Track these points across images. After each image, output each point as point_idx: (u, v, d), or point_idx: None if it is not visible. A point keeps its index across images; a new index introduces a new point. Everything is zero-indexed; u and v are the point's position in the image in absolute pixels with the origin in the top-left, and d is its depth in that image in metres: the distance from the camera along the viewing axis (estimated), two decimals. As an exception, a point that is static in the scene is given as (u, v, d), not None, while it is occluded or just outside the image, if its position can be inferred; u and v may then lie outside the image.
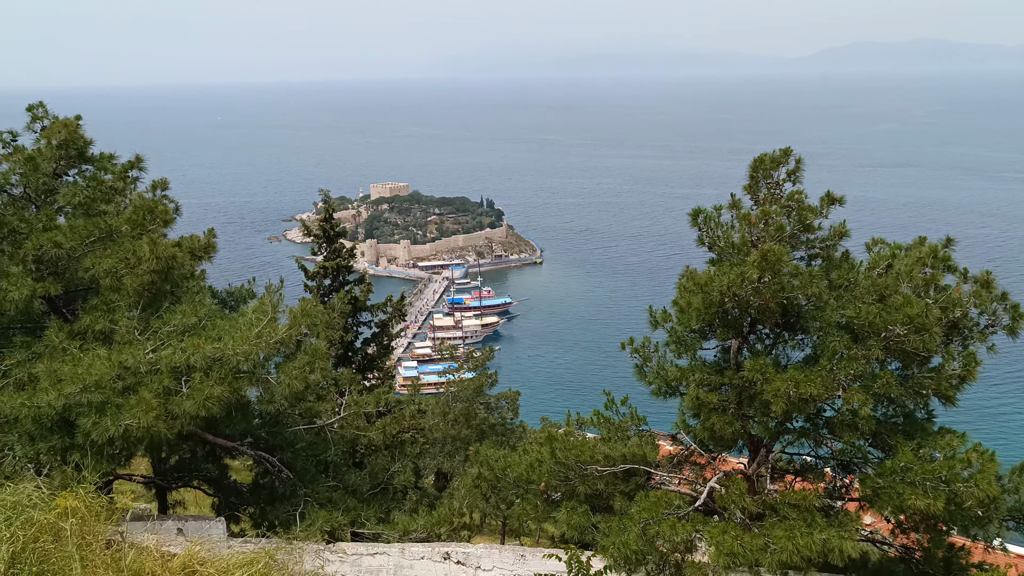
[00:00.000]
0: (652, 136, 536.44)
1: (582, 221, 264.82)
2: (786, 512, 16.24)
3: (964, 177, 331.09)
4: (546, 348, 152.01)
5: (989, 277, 17.26)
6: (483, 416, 40.09)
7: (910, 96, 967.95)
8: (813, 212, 17.77)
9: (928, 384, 16.46)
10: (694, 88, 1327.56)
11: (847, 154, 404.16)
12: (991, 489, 15.17)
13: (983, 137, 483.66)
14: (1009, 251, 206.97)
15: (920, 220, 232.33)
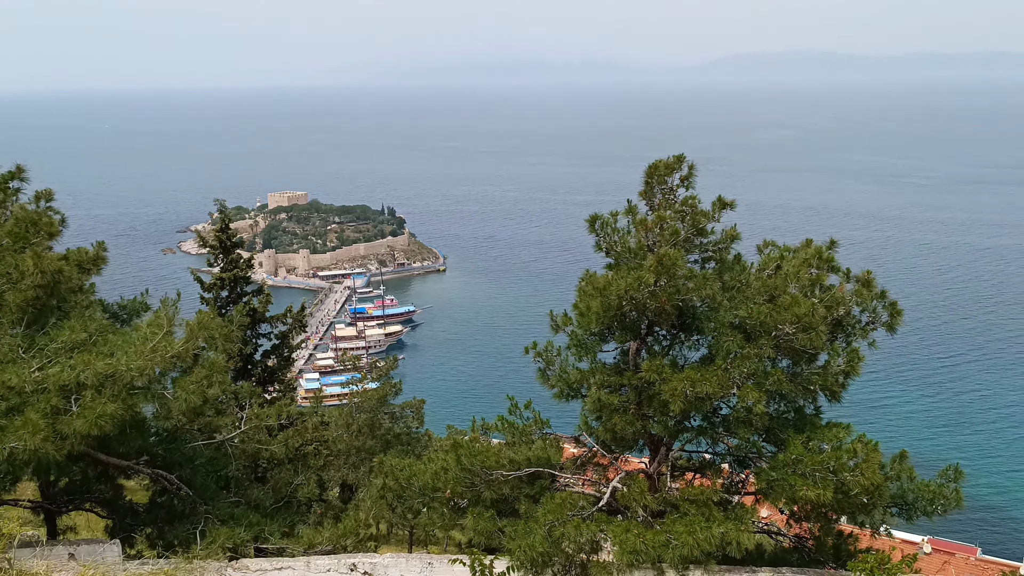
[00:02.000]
0: (553, 143, 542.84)
1: (485, 228, 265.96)
2: (686, 508, 16.72)
3: (847, 181, 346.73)
4: (451, 356, 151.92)
5: (869, 276, 18.20)
6: (388, 426, 39.78)
7: (798, 104, 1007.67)
8: (706, 216, 18.39)
9: (816, 380, 17.22)
10: (593, 95, 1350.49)
11: (739, 160, 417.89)
12: (875, 477, 15.97)
13: (865, 143, 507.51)
14: (888, 251, 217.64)
15: (807, 223, 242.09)
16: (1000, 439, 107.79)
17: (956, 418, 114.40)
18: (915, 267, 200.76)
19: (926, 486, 18.81)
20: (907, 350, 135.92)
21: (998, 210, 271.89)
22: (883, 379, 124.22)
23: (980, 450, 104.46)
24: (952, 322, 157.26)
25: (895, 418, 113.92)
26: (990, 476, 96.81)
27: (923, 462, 21.53)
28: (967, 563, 67.24)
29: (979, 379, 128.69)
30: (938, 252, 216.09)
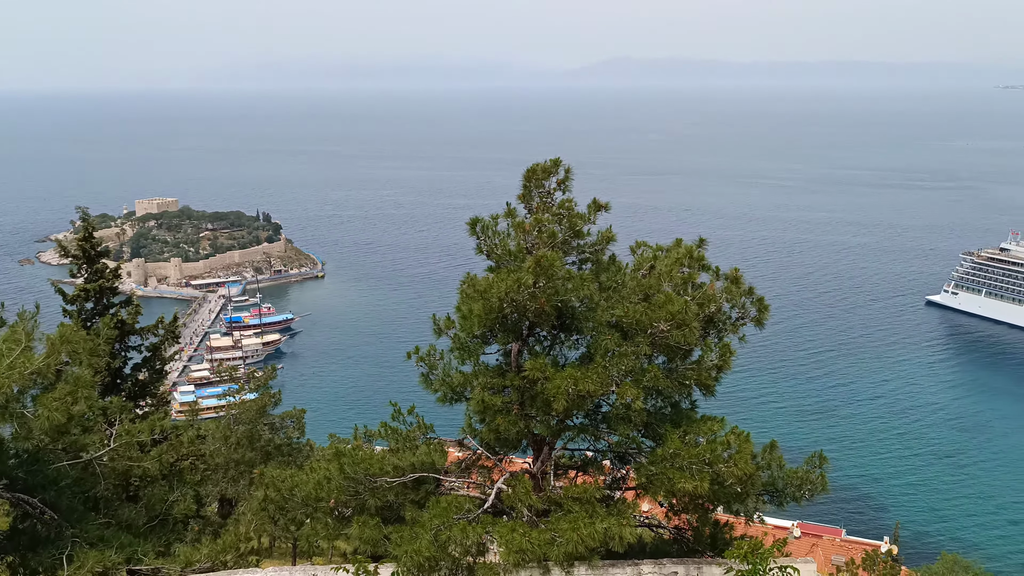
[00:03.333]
0: (434, 147, 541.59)
1: (365, 233, 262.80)
2: (570, 506, 17.00)
3: (715, 183, 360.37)
4: (332, 363, 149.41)
5: (738, 274, 18.97)
6: (268, 437, 38.72)
7: (670, 109, 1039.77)
8: (582, 219, 18.76)
9: (690, 375, 17.83)
10: (472, 100, 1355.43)
11: (614, 163, 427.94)
12: (748, 467, 16.67)
13: (731, 148, 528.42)
14: (755, 249, 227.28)
15: (678, 223, 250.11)
16: (861, 426, 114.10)
17: (822, 407, 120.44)
18: (781, 264, 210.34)
19: (794, 473, 19.75)
20: (775, 344, 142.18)
21: (855, 210, 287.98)
22: (754, 372, 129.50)
23: (843, 437, 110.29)
24: (816, 316, 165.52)
25: (766, 409, 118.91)
26: (852, 461, 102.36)
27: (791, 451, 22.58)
28: (833, 544, 70.87)
29: (842, 370, 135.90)
30: (802, 250, 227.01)
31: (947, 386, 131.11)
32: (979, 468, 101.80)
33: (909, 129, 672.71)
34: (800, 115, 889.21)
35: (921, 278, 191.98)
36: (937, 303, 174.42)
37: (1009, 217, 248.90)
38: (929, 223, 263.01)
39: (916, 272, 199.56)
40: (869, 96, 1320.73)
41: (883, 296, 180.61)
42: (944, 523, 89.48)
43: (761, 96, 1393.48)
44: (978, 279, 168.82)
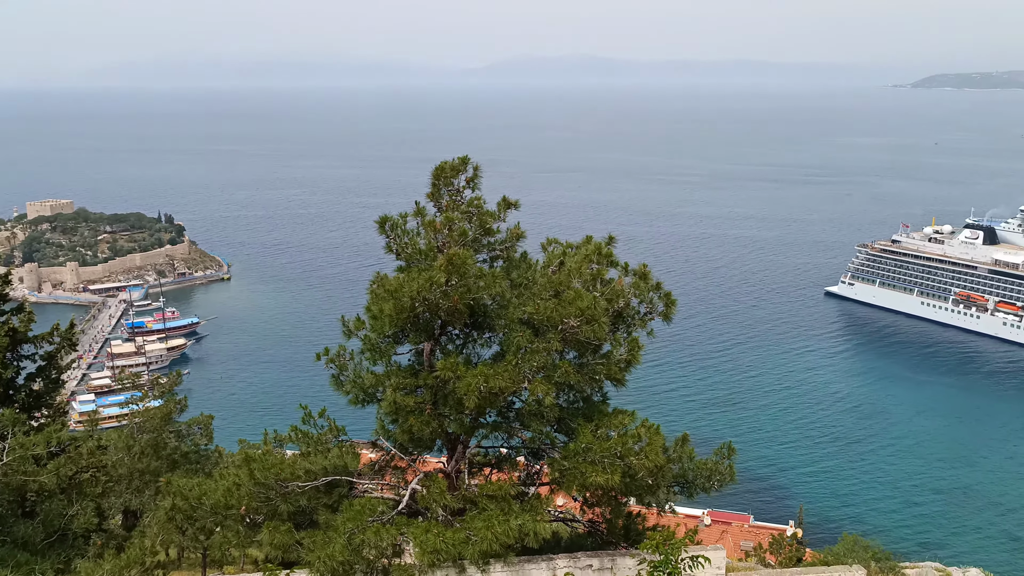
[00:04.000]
0: (340, 146, 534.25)
1: (273, 234, 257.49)
2: (485, 504, 17.02)
3: (621, 180, 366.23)
4: (240, 367, 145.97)
5: (646, 270, 19.32)
6: (174, 445, 37.55)
7: (575, 106, 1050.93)
8: (492, 216, 18.80)
9: (601, 370, 18.07)
10: (374, 98, 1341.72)
11: (523, 161, 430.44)
12: (658, 459, 17.00)
13: (635, 145, 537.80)
14: (661, 244, 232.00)
15: (587, 220, 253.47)
16: (767, 415, 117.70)
17: (730, 398, 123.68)
18: (687, 259, 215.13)
19: (704, 464, 20.22)
20: (684, 337, 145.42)
21: (756, 205, 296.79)
22: (664, 365, 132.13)
23: (751, 426, 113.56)
24: (722, 309, 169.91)
25: (677, 402, 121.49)
26: (759, 449, 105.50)
27: (701, 442, 23.14)
28: (742, 530, 73.01)
29: (748, 361, 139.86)
30: (707, 245, 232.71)
31: (846, 374, 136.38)
32: (877, 452, 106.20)
33: (805, 127, 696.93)
34: (701, 113, 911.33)
35: (820, 270, 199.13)
36: (835, 294, 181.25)
37: (899, 210, 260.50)
38: (826, 217, 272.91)
39: (815, 264, 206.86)
40: (768, 95, 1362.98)
41: (785, 288, 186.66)
42: (845, 506, 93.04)
43: (663, 94, 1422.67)
44: (872, 270, 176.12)
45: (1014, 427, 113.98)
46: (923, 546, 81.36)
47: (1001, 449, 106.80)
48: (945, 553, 76.90)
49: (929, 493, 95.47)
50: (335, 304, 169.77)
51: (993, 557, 78.59)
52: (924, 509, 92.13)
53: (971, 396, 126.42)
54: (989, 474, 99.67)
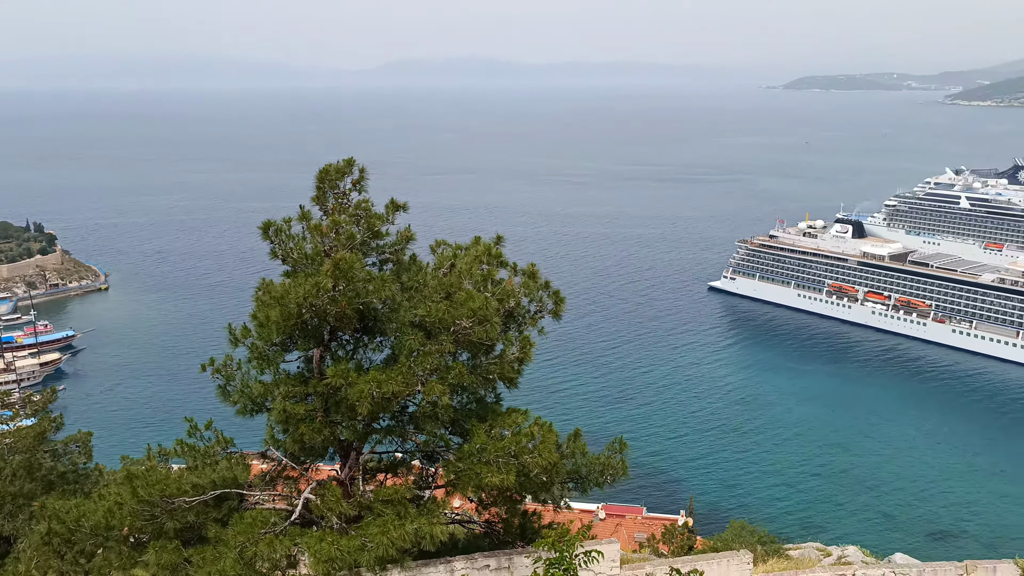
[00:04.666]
0: (225, 149, 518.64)
1: (154, 241, 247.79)
2: (380, 509, 16.85)
3: (511, 181, 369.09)
4: (120, 381, 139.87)
5: (535, 269, 19.53)
6: (49, 465, 35.72)
7: (463, 107, 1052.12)
8: (381, 219, 18.63)
9: (494, 369, 18.16)
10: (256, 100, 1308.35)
11: (413, 162, 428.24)
12: (552, 456, 17.19)
13: (523, 146, 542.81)
14: (550, 244, 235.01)
15: (477, 221, 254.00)
16: (657, 409, 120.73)
17: (621, 393, 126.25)
18: (576, 258, 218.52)
19: (597, 459, 20.58)
20: (576, 334, 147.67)
21: (642, 203, 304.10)
22: (557, 363, 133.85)
23: (642, 420, 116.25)
24: (612, 306, 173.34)
25: (570, 399, 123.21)
26: (650, 442, 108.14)
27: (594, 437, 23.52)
28: (636, 522, 74.70)
29: (638, 356, 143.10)
30: (595, 243, 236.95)
31: (731, 365, 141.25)
32: (762, 440, 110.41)
33: (687, 126, 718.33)
34: (589, 114, 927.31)
35: (703, 266, 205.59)
36: (718, 288, 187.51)
37: (776, 206, 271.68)
38: (708, 214, 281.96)
39: (699, 260, 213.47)
40: (651, 95, 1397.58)
41: (671, 284, 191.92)
42: (733, 494, 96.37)
43: (552, 96, 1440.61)
44: (752, 264, 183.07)
45: (884, 411, 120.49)
46: (806, 528, 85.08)
47: (874, 432, 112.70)
48: (826, 534, 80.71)
49: (810, 478, 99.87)
50: (221, 313, 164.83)
51: (870, 535, 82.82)
52: (806, 493, 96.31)
53: (845, 383, 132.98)
54: (864, 457, 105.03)
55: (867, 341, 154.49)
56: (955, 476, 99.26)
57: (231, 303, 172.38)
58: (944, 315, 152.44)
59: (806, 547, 36.92)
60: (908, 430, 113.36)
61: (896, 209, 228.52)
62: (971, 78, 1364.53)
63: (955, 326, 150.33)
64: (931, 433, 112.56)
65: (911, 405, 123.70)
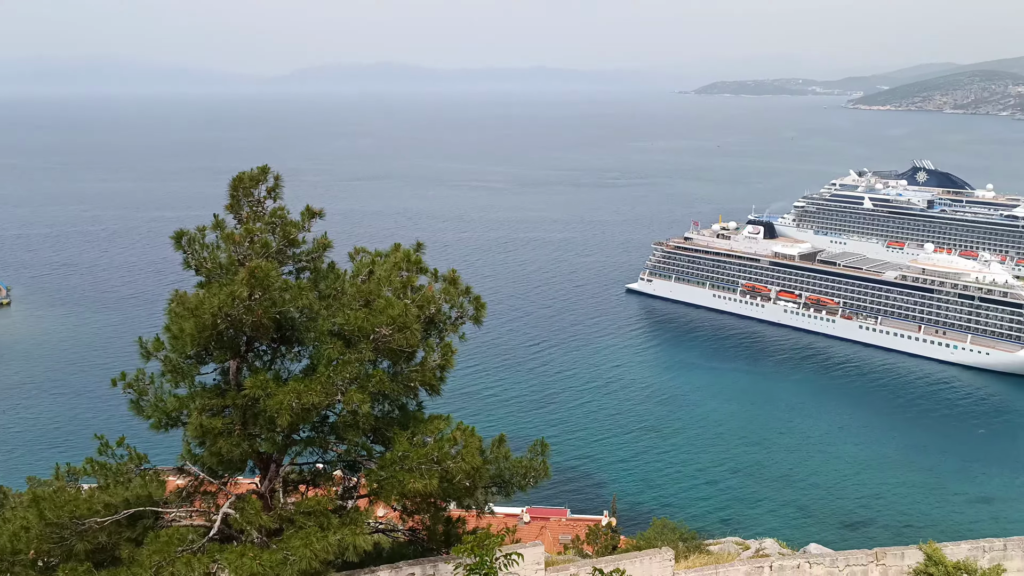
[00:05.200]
0: (133, 158, 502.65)
1: (60, 254, 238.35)
2: (302, 521, 16.61)
3: (429, 187, 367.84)
4: (24, 400, 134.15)
5: (455, 275, 19.56)
6: (-51, 490, 34.16)
7: (380, 113, 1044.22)
8: (297, 227, 18.40)
9: (415, 377, 18.12)
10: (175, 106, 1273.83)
11: (329, 169, 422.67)
12: (475, 461, 17.24)
13: (441, 151, 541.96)
14: (471, 250, 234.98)
15: (396, 228, 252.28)
16: (579, 411, 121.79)
17: (544, 397, 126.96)
18: (496, 263, 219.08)
19: (520, 463, 20.72)
20: (498, 339, 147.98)
21: (559, 207, 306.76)
22: (479, 369, 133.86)
23: (564, 422, 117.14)
24: (532, 310, 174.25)
25: (493, 404, 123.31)
26: (573, 444, 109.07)
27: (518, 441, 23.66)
28: (560, 524, 75.23)
29: (559, 359, 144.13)
30: (514, 248, 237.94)
31: (650, 366, 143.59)
32: (681, 438, 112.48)
33: (603, 131, 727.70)
34: (506, 119, 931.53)
35: (621, 268, 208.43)
36: (636, 290, 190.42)
37: (690, 209, 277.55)
38: (625, 217, 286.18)
39: (617, 263, 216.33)
40: (567, 101, 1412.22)
41: (591, 287, 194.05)
42: (655, 492, 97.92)
43: (470, 101, 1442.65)
44: (668, 266, 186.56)
45: (799, 406, 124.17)
46: (725, 523, 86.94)
47: (789, 427, 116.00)
48: (744, 528, 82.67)
49: (729, 474, 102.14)
50: (132, 326, 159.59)
51: (786, 527, 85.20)
52: (725, 489, 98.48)
53: (761, 380, 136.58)
54: (780, 451, 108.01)
55: (780, 339, 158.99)
56: (865, 467, 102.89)
57: (143, 316, 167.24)
58: (851, 312, 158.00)
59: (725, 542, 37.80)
60: (821, 424, 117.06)
61: (804, 210, 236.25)
62: (871, 83, 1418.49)
63: (861, 322, 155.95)
64: (843, 426, 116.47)
65: (823, 400, 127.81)
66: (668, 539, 40.86)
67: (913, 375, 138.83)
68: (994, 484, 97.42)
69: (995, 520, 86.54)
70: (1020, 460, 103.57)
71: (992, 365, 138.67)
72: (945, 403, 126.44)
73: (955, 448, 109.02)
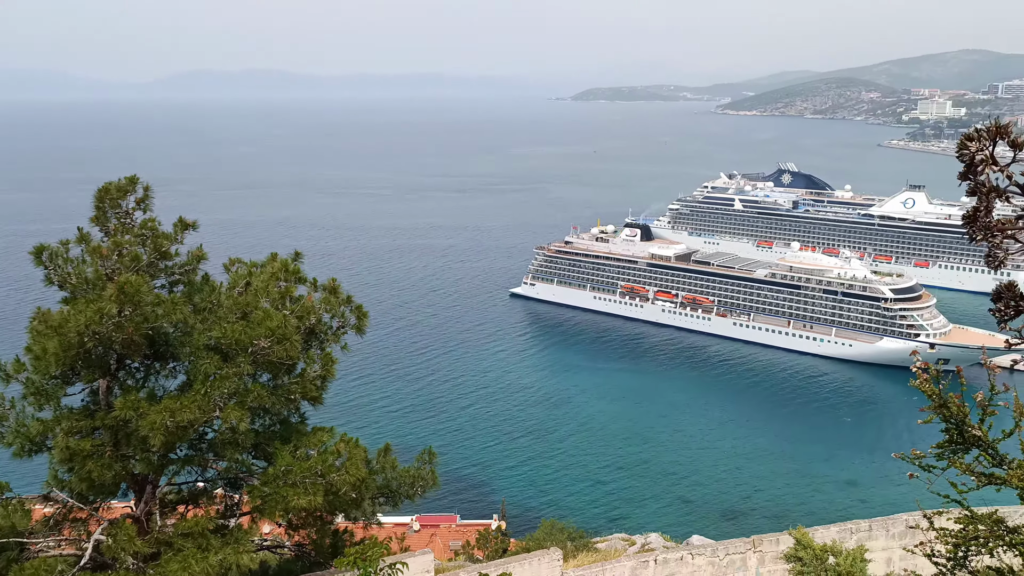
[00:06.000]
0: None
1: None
2: (181, 543, 16.05)
3: (309, 195, 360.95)
4: None
5: (335, 284, 19.31)
6: None
7: (257, 121, 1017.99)
8: (169, 239, 17.79)
9: (296, 389, 17.78)
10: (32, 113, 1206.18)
11: (203, 178, 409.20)
12: (360, 472, 17.05)
13: (320, 158, 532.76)
14: (353, 258, 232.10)
15: (275, 237, 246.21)
16: (467, 417, 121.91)
17: (432, 405, 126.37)
18: (380, 271, 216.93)
19: (407, 472, 20.61)
20: (382, 348, 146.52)
21: (442, 214, 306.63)
22: (365, 379, 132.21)
23: (452, 429, 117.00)
24: (419, 318, 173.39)
25: (380, 414, 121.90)
26: (462, 451, 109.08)
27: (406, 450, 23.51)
28: (450, 530, 75.13)
29: (447, 366, 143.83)
30: (398, 255, 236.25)
31: (536, 369, 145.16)
32: (568, 439, 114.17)
33: (484, 137, 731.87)
34: (386, 126, 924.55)
35: (504, 273, 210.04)
36: (519, 294, 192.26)
37: (570, 213, 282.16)
38: (507, 223, 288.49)
39: (500, 268, 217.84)
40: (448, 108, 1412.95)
41: (476, 293, 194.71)
42: (543, 493, 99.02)
43: (348, 108, 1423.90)
44: (550, 270, 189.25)
45: (679, 402, 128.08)
46: (612, 520, 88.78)
47: (670, 423, 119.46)
48: (630, 524, 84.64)
49: (615, 471, 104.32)
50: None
51: (670, 520, 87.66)
52: (611, 487, 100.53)
53: (642, 378, 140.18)
54: (662, 447, 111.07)
55: (659, 338, 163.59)
56: (744, 459, 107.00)
57: (2, 336, 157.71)
58: (725, 309, 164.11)
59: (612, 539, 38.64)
60: (700, 418, 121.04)
61: (679, 212, 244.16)
62: (738, 90, 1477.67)
63: (735, 319, 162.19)
64: (722, 420, 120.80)
65: (703, 395, 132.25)
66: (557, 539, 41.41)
67: (784, 368, 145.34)
68: (860, 469, 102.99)
69: (862, 502, 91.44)
70: (883, 445, 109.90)
71: (855, 356, 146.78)
72: (814, 394, 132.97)
73: (824, 436, 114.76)
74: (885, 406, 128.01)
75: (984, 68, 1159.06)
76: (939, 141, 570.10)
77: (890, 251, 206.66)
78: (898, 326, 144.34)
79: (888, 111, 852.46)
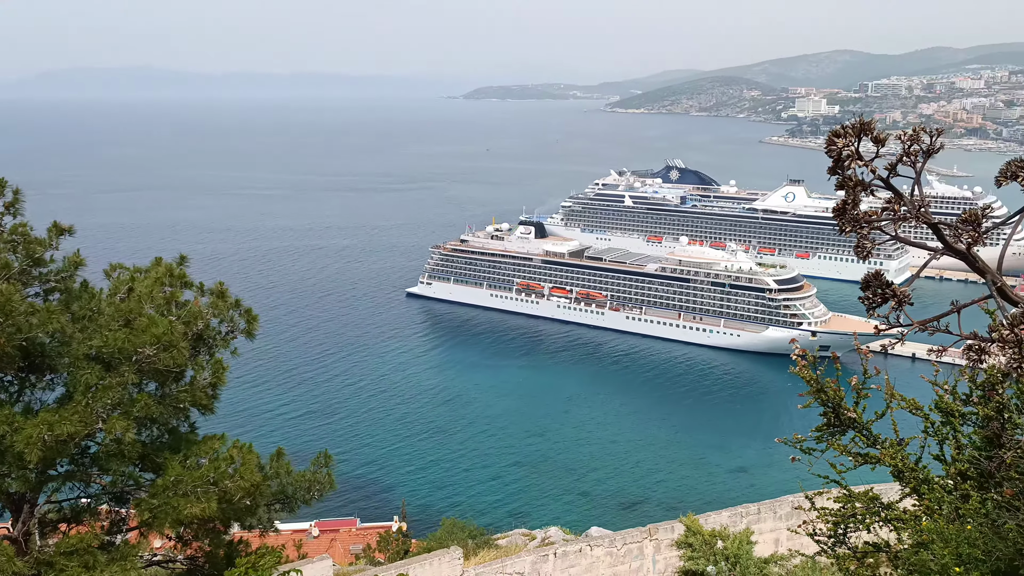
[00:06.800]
0: None
1: None
2: (63, 563, 15.35)
3: (194, 197, 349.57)
4: None
5: (223, 287, 18.80)
6: None
7: (142, 121, 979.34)
8: (42, 245, 16.96)
9: (185, 397, 17.22)
10: None
11: (80, 181, 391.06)
12: (254, 478, 16.66)
13: (204, 159, 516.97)
14: (243, 260, 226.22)
15: (160, 241, 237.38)
16: (365, 419, 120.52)
17: (328, 408, 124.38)
18: (271, 273, 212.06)
19: (303, 476, 20.25)
20: (276, 352, 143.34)
21: (334, 214, 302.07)
22: (259, 384, 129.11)
23: (350, 432, 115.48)
24: (313, 320, 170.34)
25: (276, 419, 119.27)
26: (360, 453, 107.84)
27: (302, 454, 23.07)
28: (350, 534, 74.20)
29: (343, 368, 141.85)
30: (289, 257, 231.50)
31: (434, 368, 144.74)
32: (468, 437, 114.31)
33: (375, 137, 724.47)
34: (275, 125, 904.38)
35: (400, 273, 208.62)
36: (416, 294, 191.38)
37: (465, 212, 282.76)
38: (403, 222, 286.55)
39: (396, 268, 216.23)
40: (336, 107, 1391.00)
41: (371, 293, 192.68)
42: (444, 493, 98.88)
43: (235, 107, 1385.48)
44: (446, 268, 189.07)
45: (576, 396, 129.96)
46: (513, 516, 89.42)
47: (568, 417, 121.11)
48: (532, 519, 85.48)
49: (514, 468, 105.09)
50: None
51: (570, 514, 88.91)
52: (511, 483, 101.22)
53: (540, 373, 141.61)
54: (561, 441, 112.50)
55: (555, 333, 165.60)
56: (639, 449, 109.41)
57: None
58: (618, 303, 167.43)
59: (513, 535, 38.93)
60: (597, 411, 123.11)
61: (571, 209, 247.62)
62: (626, 88, 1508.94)
63: (628, 312, 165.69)
64: (617, 412, 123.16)
65: (599, 388, 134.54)
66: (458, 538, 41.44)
67: (677, 360, 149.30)
68: (749, 454, 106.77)
69: (752, 487, 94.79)
70: (769, 431, 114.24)
71: (743, 345, 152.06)
72: (705, 384, 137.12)
73: (716, 424, 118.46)
74: (773, 393, 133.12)
75: (855, 68, 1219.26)
76: (816, 137, 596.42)
77: (773, 243, 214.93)
78: (782, 316, 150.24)
79: (768, 108, 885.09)
